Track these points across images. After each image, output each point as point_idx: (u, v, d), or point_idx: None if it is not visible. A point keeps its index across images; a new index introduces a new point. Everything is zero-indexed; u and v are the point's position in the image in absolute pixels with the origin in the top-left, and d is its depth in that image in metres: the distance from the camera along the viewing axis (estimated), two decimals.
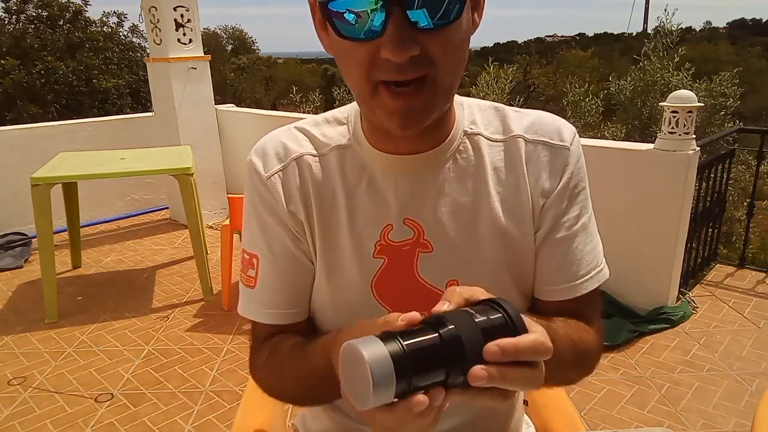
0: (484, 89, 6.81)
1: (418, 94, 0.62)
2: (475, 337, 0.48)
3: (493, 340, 0.48)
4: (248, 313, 0.80)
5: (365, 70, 0.62)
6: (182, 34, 4.19)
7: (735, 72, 6.38)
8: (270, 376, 0.80)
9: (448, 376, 0.47)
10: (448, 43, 0.61)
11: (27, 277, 3.59)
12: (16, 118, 12.40)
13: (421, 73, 0.61)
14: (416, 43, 0.58)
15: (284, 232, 0.76)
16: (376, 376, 0.44)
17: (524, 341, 0.50)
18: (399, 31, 0.57)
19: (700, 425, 2.06)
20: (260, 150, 0.78)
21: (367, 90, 0.63)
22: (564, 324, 0.73)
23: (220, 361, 2.57)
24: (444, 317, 0.49)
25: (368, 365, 0.44)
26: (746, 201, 4.23)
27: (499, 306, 0.51)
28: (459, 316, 0.49)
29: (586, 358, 0.76)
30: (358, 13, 0.58)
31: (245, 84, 22.04)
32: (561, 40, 49.88)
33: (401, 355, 0.45)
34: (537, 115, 0.79)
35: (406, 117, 0.63)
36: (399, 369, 0.44)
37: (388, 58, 0.59)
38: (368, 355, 0.44)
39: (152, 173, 3.40)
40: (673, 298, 2.86)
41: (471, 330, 0.48)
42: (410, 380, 0.45)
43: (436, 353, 0.47)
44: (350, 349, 0.46)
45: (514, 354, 0.48)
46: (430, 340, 0.47)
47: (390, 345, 0.45)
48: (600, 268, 0.79)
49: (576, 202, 0.77)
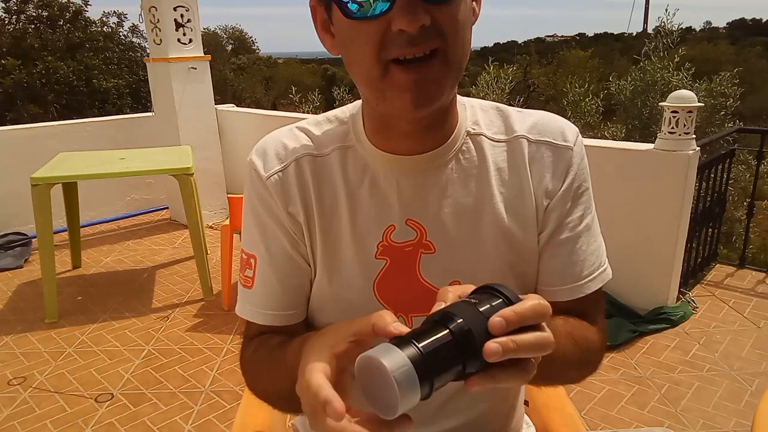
0: (484, 89, 6.81)
1: (430, 68, 0.63)
2: (483, 327, 0.48)
3: None
4: (245, 314, 0.80)
5: (376, 50, 0.62)
6: (182, 34, 4.19)
7: (735, 72, 6.37)
8: (251, 370, 0.79)
9: (464, 368, 0.48)
10: (457, 16, 0.62)
11: (27, 277, 3.59)
12: (16, 118, 12.40)
13: (432, 45, 0.61)
14: (427, 12, 0.59)
15: (282, 233, 0.76)
16: (400, 385, 0.43)
17: (522, 306, 0.50)
18: (409, 1, 0.59)
19: (700, 425, 2.06)
20: (261, 150, 0.78)
21: (378, 72, 0.63)
22: (564, 321, 0.73)
23: (220, 361, 2.57)
24: (450, 312, 0.49)
25: (392, 375, 0.43)
26: (746, 201, 4.24)
27: (496, 291, 0.52)
28: (463, 308, 0.49)
29: (588, 356, 0.76)
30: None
31: (245, 84, 22.04)
32: (561, 40, 49.82)
33: (420, 358, 0.45)
34: (540, 116, 0.79)
35: (418, 92, 0.63)
36: (421, 373, 0.44)
37: (401, 29, 0.59)
38: (390, 365, 0.44)
39: (152, 173, 3.40)
40: (673, 298, 2.86)
41: (478, 320, 0.48)
42: (432, 381, 0.46)
43: (451, 349, 0.47)
44: (367, 360, 0.46)
45: (518, 321, 0.49)
46: (442, 338, 0.47)
47: (407, 350, 0.45)
48: (603, 268, 0.79)
49: (580, 202, 0.77)
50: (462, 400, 0.82)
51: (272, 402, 0.76)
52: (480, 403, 0.84)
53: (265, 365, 0.75)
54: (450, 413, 0.83)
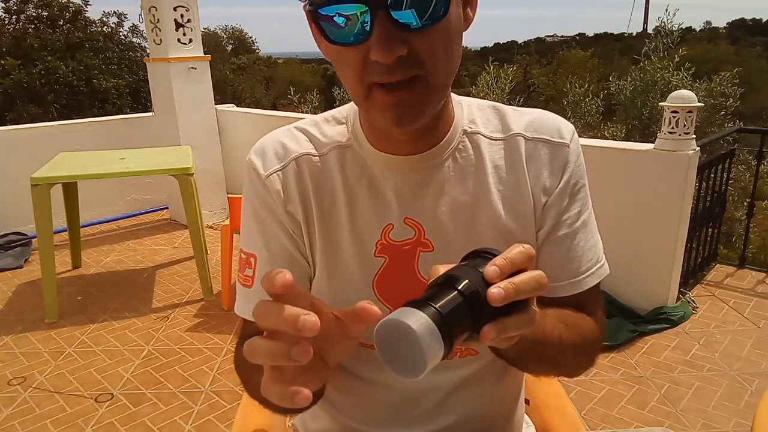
0: (484, 89, 6.81)
1: (411, 91, 0.63)
2: (485, 283, 0.50)
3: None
4: (244, 313, 0.80)
5: (358, 74, 0.63)
6: (182, 34, 4.19)
7: (735, 72, 6.37)
8: (243, 371, 0.80)
9: (474, 324, 0.50)
10: (437, 42, 0.62)
11: (27, 277, 3.59)
12: (16, 118, 12.41)
13: (410, 73, 0.61)
14: (403, 43, 0.59)
15: (282, 231, 0.76)
16: (425, 341, 0.45)
17: (510, 252, 0.51)
18: (385, 32, 0.58)
19: (700, 425, 2.06)
20: (259, 149, 0.78)
21: (362, 92, 0.64)
22: (554, 310, 0.74)
23: (220, 361, 2.57)
24: (453, 274, 0.51)
25: (417, 332, 0.45)
26: (746, 201, 4.24)
27: (487, 254, 0.54)
28: (467, 271, 0.51)
29: (584, 344, 0.76)
30: (348, 16, 0.59)
31: (245, 84, 22.07)
32: (561, 40, 49.86)
33: (439, 317, 0.47)
34: (536, 114, 0.79)
35: (400, 112, 0.64)
36: (442, 329, 0.46)
37: (377, 60, 0.59)
38: (413, 324, 0.45)
39: (152, 173, 3.40)
40: (673, 298, 2.86)
41: (479, 278, 0.51)
42: (452, 337, 0.47)
43: (464, 308, 0.49)
44: (389, 324, 0.47)
45: (510, 266, 0.50)
46: (455, 299, 0.49)
47: (426, 310, 0.47)
48: (601, 264, 0.80)
49: (577, 199, 0.77)
50: (461, 398, 0.82)
51: (262, 402, 0.76)
52: (480, 401, 0.84)
53: (252, 366, 0.74)
54: (449, 410, 0.83)
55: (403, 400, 0.82)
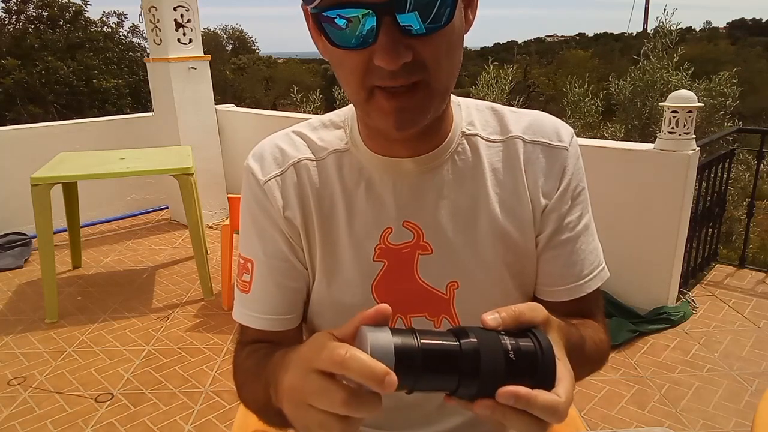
0: (484, 89, 6.80)
1: (413, 96, 0.62)
2: (497, 357, 0.47)
3: (516, 365, 0.48)
4: (242, 318, 0.79)
5: (360, 77, 0.62)
6: (182, 34, 4.19)
7: (735, 72, 6.37)
8: (238, 379, 0.78)
9: (459, 386, 0.47)
10: (441, 47, 0.61)
11: (27, 277, 3.59)
12: (16, 118, 12.41)
13: (414, 78, 0.61)
14: (408, 49, 0.59)
15: (280, 237, 0.76)
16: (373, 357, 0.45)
17: (542, 398, 0.47)
18: (391, 38, 0.57)
19: (700, 425, 2.06)
20: (258, 154, 0.78)
21: (363, 96, 0.64)
22: (582, 325, 0.73)
23: (220, 361, 2.57)
24: (469, 329, 0.49)
25: (370, 348, 0.45)
26: (746, 201, 4.24)
27: (533, 335, 0.50)
28: (485, 332, 0.49)
29: (601, 356, 0.78)
30: (350, 18, 0.58)
31: (245, 84, 22.06)
32: (561, 40, 49.90)
33: (412, 348, 0.45)
34: (535, 116, 0.79)
35: (401, 117, 0.63)
36: (403, 360, 0.45)
37: (381, 66, 0.59)
38: (372, 339, 0.45)
39: (152, 173, 3.39)
40: (673, 298, 2.86)
41: (493, 348, 0.48)
42: (418, 376, 0.46)
43: (452, 360, 0.47)
44: (360, 333, 0.47)
45: (526, 406, 0.47)
46: (448, 345, 0.47)
47: (403, 337, 0.46)
48: (602, 267, 0.80)
49: (577, 203, 0.77)
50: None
51: (253, 411, 0.75)
52: None
53: (250, 376, 0.73)
54: (450, 412, 0.83)
55: (403, 404, 0.82)
